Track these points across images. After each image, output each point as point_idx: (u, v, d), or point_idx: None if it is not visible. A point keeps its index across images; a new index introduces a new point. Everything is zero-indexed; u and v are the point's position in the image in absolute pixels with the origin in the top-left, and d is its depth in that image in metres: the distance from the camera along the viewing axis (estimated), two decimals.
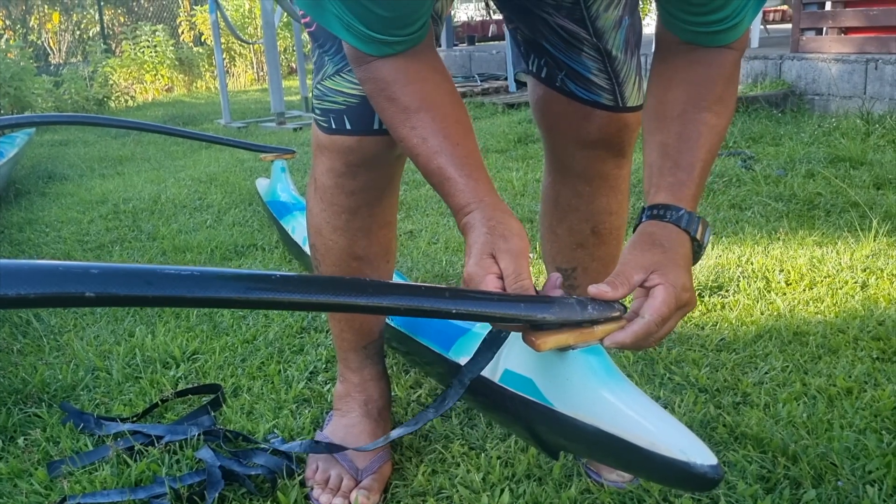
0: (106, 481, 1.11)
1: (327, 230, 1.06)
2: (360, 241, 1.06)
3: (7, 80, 5.97)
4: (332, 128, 0.98)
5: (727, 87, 0.84)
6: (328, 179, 1.03)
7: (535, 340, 0.74)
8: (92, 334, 1.68)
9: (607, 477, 1.04)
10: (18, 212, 2.97)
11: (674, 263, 0.75)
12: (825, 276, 1.78)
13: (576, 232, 1.15)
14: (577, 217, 1.14)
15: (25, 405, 1.37)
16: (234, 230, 2.50)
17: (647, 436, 0.68)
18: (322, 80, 0.98)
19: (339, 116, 0.97)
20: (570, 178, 1.12)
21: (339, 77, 0.96)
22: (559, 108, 1.06)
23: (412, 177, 3.16)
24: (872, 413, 1.19)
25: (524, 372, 0.83)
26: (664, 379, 1.34)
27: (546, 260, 1.24)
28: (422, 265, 2.03)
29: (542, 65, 1.05)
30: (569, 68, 1.03)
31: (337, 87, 0.96)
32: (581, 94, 1.04)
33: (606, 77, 1.03)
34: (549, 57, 1.04)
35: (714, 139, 0.83)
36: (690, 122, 0.82)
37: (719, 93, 0.83)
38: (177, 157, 4.19)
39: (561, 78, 1.04)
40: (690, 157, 0.81)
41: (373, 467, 1.09)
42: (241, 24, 9.10)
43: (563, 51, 1.02)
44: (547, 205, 1.17)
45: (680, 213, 0.78)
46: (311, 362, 1.47)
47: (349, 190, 1.02)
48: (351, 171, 1.00)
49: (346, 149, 0.98)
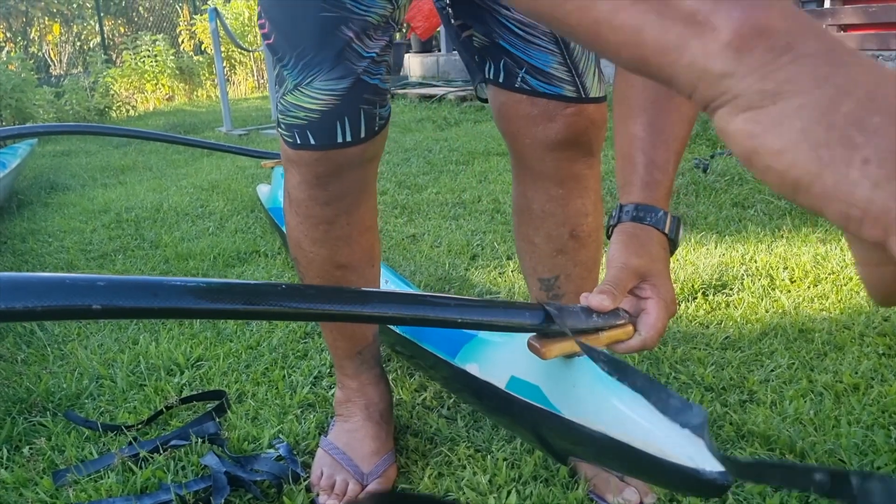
0: (111, 489, 1.11)
1: (307, 243, 1.04)
2: (342, 249, 1.04)
3: (8, 92, 5.98)
4: (296, 143, 0.97)
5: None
6: (300, 192, 1.01)
7: (540, 348, 0.73)
8: (96, 343, 1.68)
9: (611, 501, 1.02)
10: (21, 222, 2.98)
11: (662, 274, 0.76)
12: (829, 272, 1.77)
13: (554, 238, 1.12)
14: (554, 222, 1.11)
15: (30, 414, 1.37)
16: (236, 237, 2.50)
17: (655, 442, 0.67)
18: (283, 94, 0.96)
19: (303, 132, 0.95)
20: (542, 182, 1.10)
21: (299, 91, 0.94)
22: (523, 112, 1.04)
23: (413, 181, 3.16)
24: (880, 409, 1.19)
25: (530, 379, 0.83)
26: (670, 378, 1.34)
27: (526, 273, 1.20)
28: (424, 269, 2.03)
29: (500, 67, 1.03)
30: (528, 64, 1.01)
31: (297, 102, 0.94)
32: (543, 89, 1.02)
33: (566, 69, 1.01)
34: (507, 56, 1.02)
35: (686, 128, 0.82)
36: (663, 111, 0.81)
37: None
38: (178, 165, 4.20)
39: (521, 77, 1.02)
40: (665, 152, 0.80)
41: (378, 471, 1.08)
42: (240, 31, 9.13)
43: (521, 48, 1.00)
44: (521, 215, 1.14)
45: (659, 216, 0.78)
46: (315, 367, 1.47)
47: (323, 201, 1.00)
48: (321, 183, 0.99)
49: (314, 161, 0.97)
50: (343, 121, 0.93)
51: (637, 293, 0.74)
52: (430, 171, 3.36)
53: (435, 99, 5.75)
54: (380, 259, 1.14)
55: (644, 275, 0.74)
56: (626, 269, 0.74)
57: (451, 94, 5.71)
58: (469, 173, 3.21)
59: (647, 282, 0.74)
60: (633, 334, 0.73)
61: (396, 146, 4.06)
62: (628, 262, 0.75)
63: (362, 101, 0.94)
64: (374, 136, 0.97)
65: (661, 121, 0.81)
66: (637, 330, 0.73)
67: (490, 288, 1.88)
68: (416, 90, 6.13)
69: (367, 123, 0.95)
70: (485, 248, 2.19)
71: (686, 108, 0.82)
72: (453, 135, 4.27)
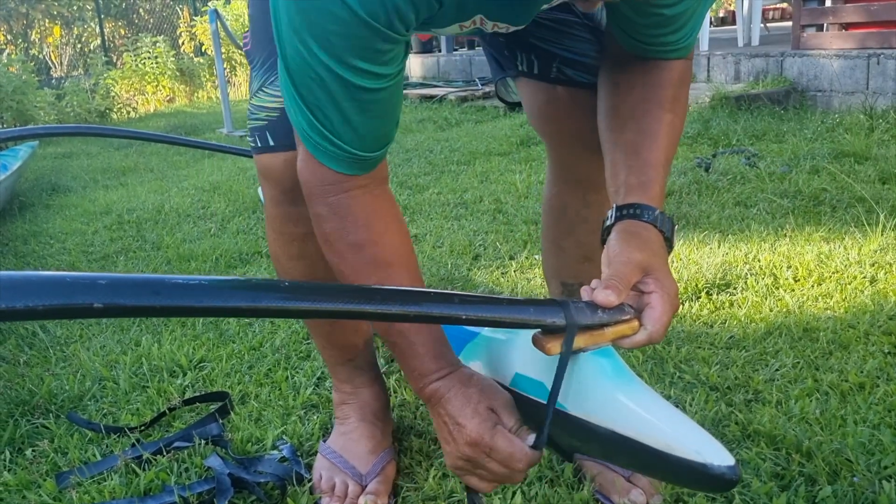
0: (115, 491, 1.10)
1: (284, 258, 1.03)
2: (319, 264, 0.99)
3: (9, 94, 5.99)
4: (258, 146, 0.94)
5: (680, 89, 0.86)
6: (272, 209, 0.99)
7: (545, 344, 0.73)
8: (98, 344, 1.67)
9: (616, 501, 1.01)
10: (23, 224, 2.97)
11: (664, 269, 0.75)
12: (833, 271, 1.76)
13: (584, 245, 1.10)
14: (586, 229, 1.08)
15: (33, 416, 1.37)
16: (238, 238, 2.49)
17: (662, 437, 0.67)
18: (250, 98, 0.94)
19: (263, 133, 0.92)
20: (580, 187, 1.07)
21: (262, 92, 0.91)
22: (563, 108, 1.01)
23: (415, 181, 3.16)
24: (886, 408, 1.18)
25: (535, 375, 0.82)
26: (674, 378, 1.33)
27: (548, 275, 1.19)
28: (427, 269, 2.02)
29: (533, 59, 1.00)
30: (562, 57, 0.98)
31: (260, 103, 0.92)
32: (581, 78, 0.99)
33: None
34: (539, 51, 0.99)
35: (674, 136, 0.84)
36: (652, 120, 0.82)
37: (674, 94, 0.85)
38: (180, 166, 4.20)
39: (556, 67, 0.99)
40: (656, 154, 0.81)
41: (376, 470, 1.08)
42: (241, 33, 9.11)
43: (554, 41, 0.98)
44: (552, 217, 1.12)
45: (655, 214, 0.79)
46: (318, 368, 1.46)
47: (294, 218, 0.97)
48: (289, 199, 0.95)
49: (278, 173, 0.93)
50: None
51: (640, 288, 0.74)
52: (432, 172, 3.36)
53: (436, 99, 5.75)
54: None
55: (647, 269, 0.74)
56: (630, 263, 0.74)
57: (452, 94, 5.70)
58: (470, 173, 3.21)
59: (649, 276, 0.74)
60: (639, 329, 0.74)
61: (397, 147, 4.05)
62: (631, 256, 0.74)
63: None
64: None
65: (650, 127, 0.82)
66: (642, 325, 0.73)
67: (493, 288, 1.87)
68: (417, 90, 6.13)
69: None
70: (487, 248, 2.18)
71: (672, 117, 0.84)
72: (454, 135, 4.27)
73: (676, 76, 0.85)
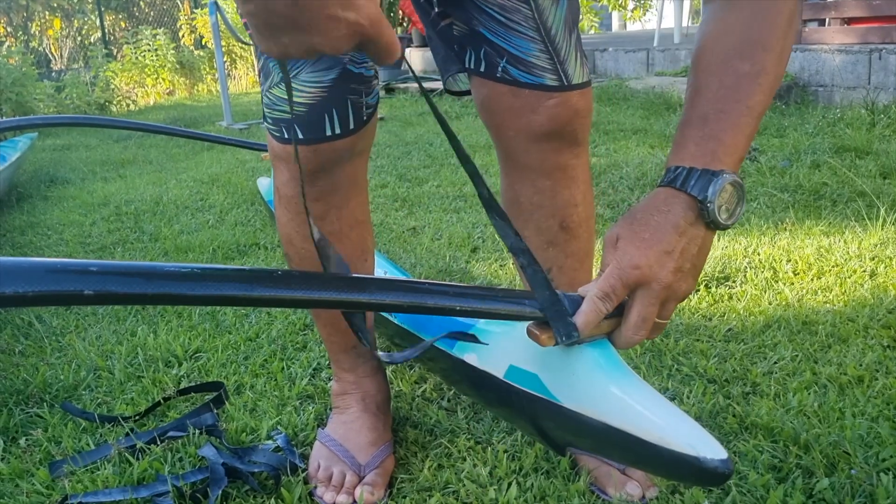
0: (108, 480, 1.10)
1: (298, 239, 1.03)
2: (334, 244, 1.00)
3: (9, 86, 5.97)
4: (283, 137, 0.96)
5: (786, 38, 0.73)
6: (289, 189, 1.00)
7: (539, 335, 0.72)
8: (94, 334, 1.66)
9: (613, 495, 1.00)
10: (20, 215, 2.97)
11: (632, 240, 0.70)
12: (833, 265, 1.75)
13: (544, 230, 1.10)
14: (543, 214, 1.09)
15: (27, 405, 1.36)
16: (236, 230, 2.49)
17: (655, 430, 0.66)
18: (269, 87, 0.94)
19: (290, 126, 0.94)
20: (528, 174, 1.07)
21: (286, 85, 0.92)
22: (505, 104, 1.02)
23: (414, 174, 3.15)
24: (884, 401, 1.17)
25: (529, 367, 0.82)
26: (672, 370, 1.32)
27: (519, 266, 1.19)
28: (425, 261, 2.02)
29: (481, 57, 1.01)
30: (509, 54, 0.99)
31: (284, 96, 0.93)
32: (524, 79, 1.00)
33: (548, 57, 0.99)
34: (487, 45, 1.00)
35: (762, 96, 0.71)
36: (737, 76, 0.72)
37: (773, 45, 0.72)
38: (178, 159, 4.18)
39: (502, 66, 1.00)
40: (733, 104, 0.70)
41: (375, 462, 1.07)
42: (241, 26, 9.10)
43: (502, 35, 0.99)
44: (509, 208, 1.12)
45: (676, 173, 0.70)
46: (314, 359, 1.46)
47: (312, 197, 0.99)
48: (310, 179, 0.97)
49: (303, 158, 0.95)
50: (331, 113, 0.92)
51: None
52: (432, 165, 3.35)
53: (436, 93, 5.73)
54: (373, 253, 1.13)
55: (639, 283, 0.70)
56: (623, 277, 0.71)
57: None
58: None
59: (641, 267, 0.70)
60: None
61: (397, 140, 4.04)
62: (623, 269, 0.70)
63: (349, 92, 0.92)
64: (363, 126, 0.96)
65: (732, 81, 0.71)
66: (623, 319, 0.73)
67: (491, 280, 1.86)
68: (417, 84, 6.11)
69: (356, 114, 0.94)
70: (486, 240, 2.18)
71: (763, 79, 0.72)
72: (454, 128, 4.24)
73: (781, 23, 0.72)
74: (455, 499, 1.02)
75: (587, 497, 1.01)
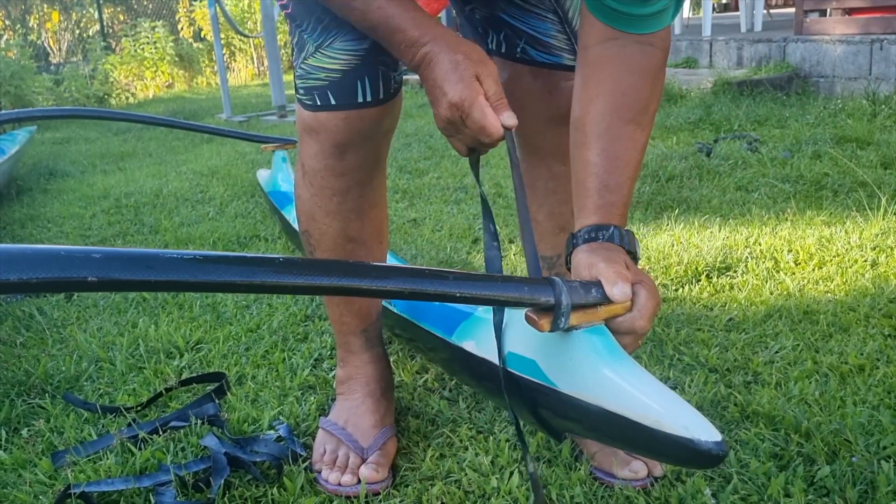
0: (110, 470, 1.10)
1: (320, 214, 1.05)
2: (353, 222, 1.06)
3: (7, 79, 5.96)
4: (316, 105, 0.98)
5: (652, 95, 0.86)
6: (317, 162, 1.02)
7: (538, 321, 0.72)
8: (95, 326, 1.66)
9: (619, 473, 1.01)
10: (20, 208, 2.96)
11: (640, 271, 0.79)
12: (834, 255, 1.75)
13: (556, 216, 1.14)
14: (557, 200, 1.13)
15: (29, 396, 1.36)
16: (236, 222, 2.48)
17: (651, 414, 0.67)
18: (304, 59, 0.97)
19: (323, 92, 0.97)
20: (545, 160, 1.11)
21: (321, 54, 0.95)
22: (525, 86, 1.06)
23: (414, 166, 3.14)
24: (886, 389, 1.17)
25: (527, 353, 0.82)
26: (674, 360, 1.32)
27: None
28: (426, 252, 2.01)
29: (501, 39, 1.05)
30: (527, 35, 1.03)
31: (319, 64, 0.96)
32: (542, 59, 1.04)
33: (565, 37, 1.03)
34: (507, 28, 1.04)
35: (638, 156, 0.86)
36: (616, 139, 0.84)
37: (644, 103, 0.85)
38: (178, 151, 4.18)
39: (521, 47, 1.04)
40: (618, 177, 0.83)
41: (377, 444, 1.08)
42: (240, 18, 9.07)
43: (521, 18, 1.03)
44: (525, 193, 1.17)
45: (611, 231, 0.81)
46: (315, 350, 1.46)
47: (339, 171, 1.02)
48: (339, 152, 1.00)
49: (333, 128, 0.98)
50: (364, 80, 0.95)
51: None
52: (432, 156, 3.34)
53: None
54: (388, 238, 1.14)
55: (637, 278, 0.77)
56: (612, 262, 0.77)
57: None
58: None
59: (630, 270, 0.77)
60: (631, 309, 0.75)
61: (398, 131, 4.02)
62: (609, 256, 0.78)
63: (380, 62, 0.96)
64: (392, 98, 0.99)
65: (614, 147, 0.84)
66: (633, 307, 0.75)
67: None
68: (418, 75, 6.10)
69: (385, 84, 0.97)
70: None
71: (639, 134, 0.85)
72: None
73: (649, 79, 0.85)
74: (457, 487, 1.03)
75: (589, 484, 1.01)
